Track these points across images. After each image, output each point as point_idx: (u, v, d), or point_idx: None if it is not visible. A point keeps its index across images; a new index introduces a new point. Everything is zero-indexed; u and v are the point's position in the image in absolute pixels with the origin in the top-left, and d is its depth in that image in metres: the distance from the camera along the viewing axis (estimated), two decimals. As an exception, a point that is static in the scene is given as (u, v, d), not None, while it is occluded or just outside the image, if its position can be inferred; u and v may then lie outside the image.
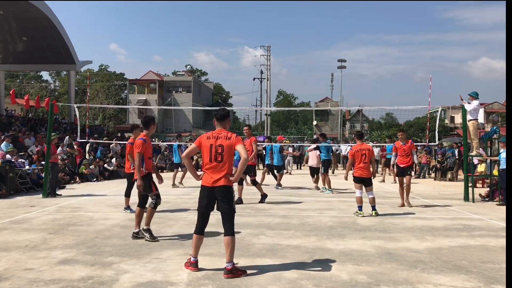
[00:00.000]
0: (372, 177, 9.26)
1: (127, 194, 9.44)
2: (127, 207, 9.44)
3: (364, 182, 9.09)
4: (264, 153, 24.20)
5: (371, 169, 9.19)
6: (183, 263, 5.36)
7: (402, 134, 10.90)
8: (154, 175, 7.09)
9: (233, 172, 5.19)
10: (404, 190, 10.53)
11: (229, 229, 5.01)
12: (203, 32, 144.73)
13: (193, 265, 5.13)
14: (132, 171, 8.84)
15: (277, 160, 14.53)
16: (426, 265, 5.46)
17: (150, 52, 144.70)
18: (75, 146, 18.80)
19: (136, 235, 6.73)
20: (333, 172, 23.33)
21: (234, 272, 4.91)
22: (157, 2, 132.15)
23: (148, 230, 6.69)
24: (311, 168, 14.35)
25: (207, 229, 7.53)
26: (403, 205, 10.43)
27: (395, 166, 11.33)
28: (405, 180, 10.52)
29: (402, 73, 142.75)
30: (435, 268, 5.32)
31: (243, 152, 4.99)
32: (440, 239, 6.97)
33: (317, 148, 13.89)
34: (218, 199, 5.04)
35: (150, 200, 6.82)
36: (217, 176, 5.01)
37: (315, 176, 14.27)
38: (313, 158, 14.13)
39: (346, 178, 9.68)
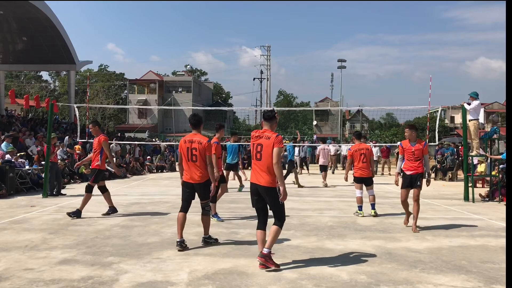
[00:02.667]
0: (372, 177, 9.25)
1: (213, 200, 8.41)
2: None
3: (365, 181, 9.10)
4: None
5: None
6: (183, 263, 5.36)
7: (409, 131, 7.81)
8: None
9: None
10: (413, 207, 7.70)
11: (278, 221, 5.23)
12: (201, 32, 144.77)
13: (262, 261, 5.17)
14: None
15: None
16: (426, 265, 5.46)
17: (148, 52, 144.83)
18: (79, 146, 18.84)
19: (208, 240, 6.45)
20: (333, 172, 23.35)
21: (267, 259, 5.12)
22: (155, 2, 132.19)
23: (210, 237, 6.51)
24: (321, 166, 15.64)
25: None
26: (407, 222, 7.90)
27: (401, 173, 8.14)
28: (412, 193, 7.68)
29: (402, 73, 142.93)
30: (435, 268, 5.32)
31: (275, 156, 5.07)
32: (440, 239, 6.97)
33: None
34: (262, 195, 5.23)
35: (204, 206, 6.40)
36: (259, 174, 5.21)
37: (323, 173, 15.59)
38: (323, 156, 14.87)
39: (346, 179, 9.68)
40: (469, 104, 12.00)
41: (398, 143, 8.37)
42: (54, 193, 12.28)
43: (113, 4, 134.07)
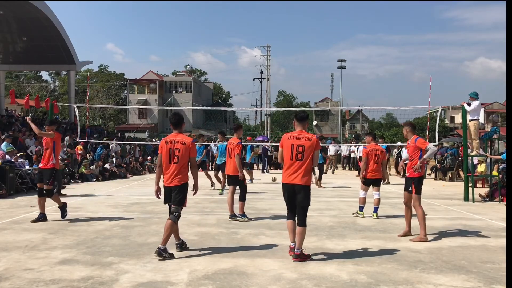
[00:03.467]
0: (382, 179, 9.05)
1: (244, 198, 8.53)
2: (243, 214, 8.46)
3: (373, 183, 8.96)
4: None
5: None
6: (183, 263, 5.36)
7: (403, 128, 7.60)
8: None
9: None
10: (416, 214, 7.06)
11: (302, 220, 5.56)
12: (200, 32, 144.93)
13: (293, 250, 5.57)
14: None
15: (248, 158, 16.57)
16: (426, 265, 5.46)
17: (147, 52, 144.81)
18: (81, 147, 18.88)
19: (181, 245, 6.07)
20: (333, 172, 23.34)
21: (302, 256, 5.54)
22: (154, 2, 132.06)
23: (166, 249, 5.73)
24: None
25: (207, 230, 7.54)
26: (406, 233, 7.18)
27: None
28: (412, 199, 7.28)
29: (401, 73, 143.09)
30: (435, 268, 5.32)
31: (316, 159, 5.67)
32: (440, 239, 6.97)
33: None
34: (295, 193, 5.56)
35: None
36: (296, 174, 5.52)
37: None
38: None
39: (361, 178, 9.36)
40: (469, 104, 12.00)
41: (398, 143, 8.17)
42: (54, 193, 12.25)
43: (111, 4, 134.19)
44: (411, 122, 7.81)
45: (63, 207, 8.49)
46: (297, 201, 5.56)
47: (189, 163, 5.86)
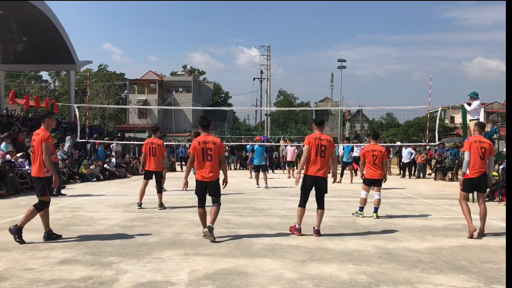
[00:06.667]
0: (383, 179, 8.97)
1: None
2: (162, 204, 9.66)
3: (374, 183, 8.92)
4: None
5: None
6: (183, 263, 5.37)
7: (477, 127, 7.61)
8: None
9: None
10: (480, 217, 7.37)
11: (322, 205, 7.05)
12: (198, 31, 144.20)
13: (298, 230, 7.05)
14: None
15: (258, 160, 15.01)
16: (426, 265, 5.46)
17: (145, 51, 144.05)
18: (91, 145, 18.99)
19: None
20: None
21: (319, 233, 6.98)
22: (152, 2, 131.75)
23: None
24: (288, 162, 18.54)
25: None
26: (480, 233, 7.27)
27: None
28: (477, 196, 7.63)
29: (401, 73, 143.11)
30: (435, 268, 5.32)
31: (334, 154, 7.20)
32: (440, 239, 6.97)
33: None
34: (318, 183, 6.94)
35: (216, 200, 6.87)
36: (320, 168, 6.89)
37: (288, 169, 18.60)
38: (290, 153, 18.22)
39: (361, 177, 9.41)
40: (469, 104, 12.00)
41: (398, 143, 8.22)
42: (54, 193, 12.27)
43: (109, 4, 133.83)
44: (478, 121, 8.30)
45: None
46: (318, 189, 6.95)
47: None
